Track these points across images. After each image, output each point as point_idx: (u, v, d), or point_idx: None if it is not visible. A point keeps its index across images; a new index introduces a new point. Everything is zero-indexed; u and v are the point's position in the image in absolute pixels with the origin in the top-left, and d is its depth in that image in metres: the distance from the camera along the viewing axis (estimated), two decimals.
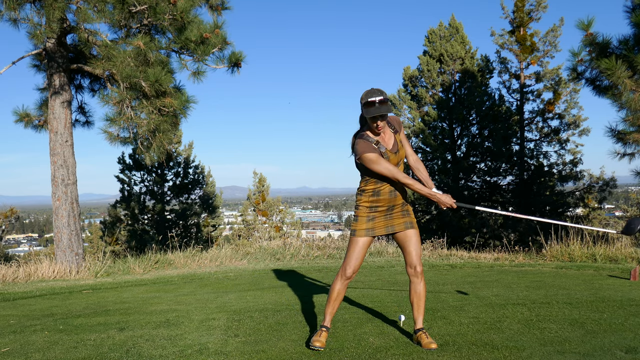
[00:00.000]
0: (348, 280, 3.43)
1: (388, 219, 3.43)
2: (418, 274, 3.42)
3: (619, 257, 7.99)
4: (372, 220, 3.42)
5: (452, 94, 17.90)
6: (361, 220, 3.44)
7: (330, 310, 3.48)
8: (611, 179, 17.01)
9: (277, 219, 23.79)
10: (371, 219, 3.42)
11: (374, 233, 3.42)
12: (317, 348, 3.31)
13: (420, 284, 3.43)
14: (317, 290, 5.73)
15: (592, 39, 8.27)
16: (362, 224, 3.43)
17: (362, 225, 3.43)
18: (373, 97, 3.23)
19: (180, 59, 8.83)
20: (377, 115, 3.23)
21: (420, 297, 3.44)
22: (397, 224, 3.43)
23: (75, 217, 8.67)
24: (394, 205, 3.42)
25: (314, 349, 3.33)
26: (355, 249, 3.41)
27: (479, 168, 17.93)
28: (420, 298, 3.44)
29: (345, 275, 3.41)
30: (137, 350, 3.53)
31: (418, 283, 3.43)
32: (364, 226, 3.42)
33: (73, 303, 5.65)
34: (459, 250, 10.02)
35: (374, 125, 3.29)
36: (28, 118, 9.29)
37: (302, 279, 6.86)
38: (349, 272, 3.40)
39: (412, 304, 3.47)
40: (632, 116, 8.23)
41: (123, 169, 19.38)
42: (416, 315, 3.46)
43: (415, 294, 3.44)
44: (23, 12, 7.80)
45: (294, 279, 6.82)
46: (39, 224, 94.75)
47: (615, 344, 3.32)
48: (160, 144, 8.50)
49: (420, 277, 3.43)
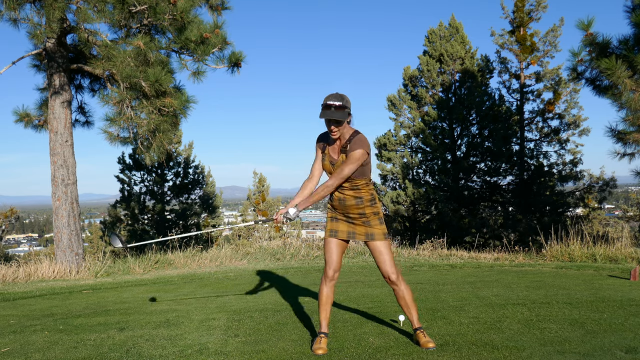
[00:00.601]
0: (332, 281, 3.47)
1: (350, 224, 3.49)
2: (394, 282, 3.45)
3: (619, 257, 8.00)
4: (336, 221, 3.51)
5: (452, 94, 17.90)
6: (328, 220, 3.57)
7: (323, 315, 3.48)
8: (611, 179, 17.01)
9: None
10: (335, 220, 3.52)
11: (337, 235, 3.48)
12: (320, 354, 3.31)
13: (400, 289, 3.46)
14: (317, 291, 5.73)
15: (592, 39, 8.27)
16: (328, 223, 3.55)
17: (328, 225, 3.55)
18: (331, 101, 3.29)
19: (180, 59, 8.83)
20: (330, 119, 3.30)
21: (406, 300, 3.47)
22: (358, 232, 3.48)
23: (75, 217, 8.67)
24: (348, 213, 3.46)
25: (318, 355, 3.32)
26: (327, 250, 3.49)
27: (479, 168, 17.93)
28: (406, 301, 3.48)
29: (327, 276, 3.47)
30: (137, 350, 3.53)
31: (398, 289, 3.47)
32: (329, 226, 3.54)
33: (73, 303, 5.65)
34: (459, 250, 10.02)
35: (329, 128, 3.35)
36: (28, 118, 9.29)
37: (302, 279, 6.86)
38: (330, 273, 3.46)
39: (402, 307, 3.53)
40: (632, 116, 8.23)
41: (123, 169, 19.38)
42: (409, 316, 3.50)
43: (400, 299, 3.50)
44: (23, 12, 7.81)
45: (294, 279, 6.82)
46: (39, 224, 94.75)
47: (615, 344, 3.32)
48: (160, 144, 8.50)
49: (398, 283, 3.45)
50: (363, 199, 3.43)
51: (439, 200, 16.85)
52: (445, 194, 17.10)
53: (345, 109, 3.29)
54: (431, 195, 16.95)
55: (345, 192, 3.42)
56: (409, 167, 18.06)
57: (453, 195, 17.14)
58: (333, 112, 3.27)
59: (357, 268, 8.05)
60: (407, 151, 18.14)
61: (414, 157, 18.19)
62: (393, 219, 17.84)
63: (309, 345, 3.50)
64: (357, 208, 3.43)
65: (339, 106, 3.27)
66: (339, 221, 3.49)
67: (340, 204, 3.44)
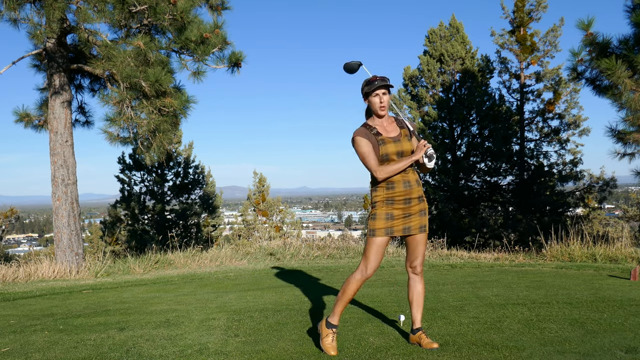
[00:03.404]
0: (367, 279, 3.34)
1: (406, 218, 3.31)
2: (418, 273, 3.41)
3: (619, 257, 7.99)
4: (391, 218, 3.29)
5: (452, 94, 17.90)
6: (379, 218, 3.29)
7: (340, 309, 3.39)
8: (611, 179, 17.00)
9: (277, 219, 23.80)
10: (390, 217, 3.29)
11: (392, 233, 3.28)
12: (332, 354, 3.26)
13: (419, 283, 3.42)
14: (317, 291, 5.73)
15: (592, 39, 8.27)
16: (381, 222, 3.28)
17: (380, 224, 3.28)
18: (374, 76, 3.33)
19: (180, 59, 8.83)
20: (380, 86, 3.27)
21: (419, 295, 3.41)
22: (414, 225, 3.32)
23: (75, 217, 8.67)
24: (410, 198, 3.29)
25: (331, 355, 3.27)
26: (374, 250, 3.28)
27: (479, 168, 17.92)
28: (419, 296, 3.41)
29: (366, 274, 3.30)
30: (137, 350, 3.53)
31: (418, 281, 3.41)
32: (382, 225, 3.28)
33: (73, 303, 5.65)
34: (459, 250, 10.01)
35: (378, 102, 3.29)
36: (28, 118, 9.29)
37: (302, 279, 6.86)
38: (370, 272, 3.30)
39: (411, 302, 3.43)
40: (632, 116, 8.23)
41: (123, 169, 19.38)
42: (415, 314, 3.42)
43: (415, 292, 3.41)
44: (23, 12, 7.80)
45: (294, 279, 6.82)
46: (39, 224, 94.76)
47: (615, 344, 3.32)
48: (160, 144, 8.50)
49: (420, 277, 3.42)
50: (420, 181, 3.39)
51: (439, 200, 16.85)
52: (445, 194, 17.10)
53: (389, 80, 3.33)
54: (431, 195, 16.95)
55: (410, 174, 3.32)
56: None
57: (453, 195, 17.14)
58: (381, 80, 3.28)
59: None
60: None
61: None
62: None
63: (309, 345, 3.50)
64: (418, 191, 3.33)
65: (383, 77, 3.31)
66: (395, 218, 3.29)
67: (405, 186, 3.28)
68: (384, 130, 3.33)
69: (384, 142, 3.29)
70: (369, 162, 3.29)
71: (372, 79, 3.30)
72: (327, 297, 5.19)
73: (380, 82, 3.27)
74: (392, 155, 3.27)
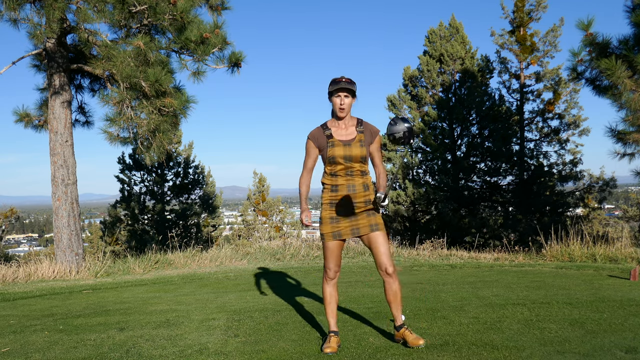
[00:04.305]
0: (333, 280, 3.45)
1: (352, 220, 3.37)
2: (391, 274, 3.37)
3: (619, 257, 7.99)
4: (336, 221, 3.37)
5: (452, 94, 17.90)
6: (325, 222, 3.40)
7: (330, 314, 3.48)
8: (611, 179, 17.01)
9: (277, 219, 23.80)
10: (334, 220, 3.38)
11: (340, 236, 3.38)
12: (329, 354, 3.29)
13: (394, 283, 3.38)
14: (317, 291, 5.73)
15: (592, 39, 8.27)
16: (327, 226, 3.39)
17: (327, 228, 3.39)
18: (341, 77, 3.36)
19: (180, 59, 8.83)
20: (342, 88, 3.31)
21: (396, 294, 3.39)
22: (362, 225, 3.37)
23: (75, 217, 8.67)
24: (355, 202, 3.36)
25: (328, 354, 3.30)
26: (328, 254, 3.42)
27: (479, 168, 17.92)
28: (396, 296, 3.39)
29: (329, 277, 3.45)
30: (137, 350, 3.53)
31: (392, 283, 3.38)
32: (329, 229, 3.38)
33: (73, 303, 5.65)
34: (459, 250, 10.02)
35: (339, 103, 3.34)
36: (28, 118, 9.29)
37: (302, 279, 6.86)
38: (332, 274, 3.44)
39: (390, 302, 3.43)
40: (632, 116, 8.23)
41: (123, 169, 19.39)
42: (395, 313, 3.42)
43: (391, 293, 3.39)
44: (23, 12, 7.80)
45: (294, 279, 6.82)
46: (39, 224, 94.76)
47: (615, 344, 3.32)
48: (160, 144, 8.50)
49: (394, 277, 3.38)
50: (369, 186, 3.41)
51: (439, 200, 16.85)
52: (445, 194, 17.10)
53: (354, 85, 3.35)
54: (431, 195, 16.95)
55: (356, 178, 3.38)
56: (409, 167, 18.06)
57: (453, 195, 17.14)
58: (345, 82, 3.32)
59: (357, 268, 8.04)
60: (407, 151, 18.13)
61: (414, 157, 18.19)
62: (393, 219, 17.84)
63: (309, 345, 3.50)
64: (364, 196, 3.37)
65: (349, 80, 3.35)
66: (339, 220, 3.38)
67: (349, 189, 3.35)
68: (337, 132, 3.40)
69: (333, 144, 3.37)
70: (303, 163, 3.46)
71: (339, 80, 3.35)
72: None
73: (344, 84, 3.32)
74: (339, 159, 3.36)
